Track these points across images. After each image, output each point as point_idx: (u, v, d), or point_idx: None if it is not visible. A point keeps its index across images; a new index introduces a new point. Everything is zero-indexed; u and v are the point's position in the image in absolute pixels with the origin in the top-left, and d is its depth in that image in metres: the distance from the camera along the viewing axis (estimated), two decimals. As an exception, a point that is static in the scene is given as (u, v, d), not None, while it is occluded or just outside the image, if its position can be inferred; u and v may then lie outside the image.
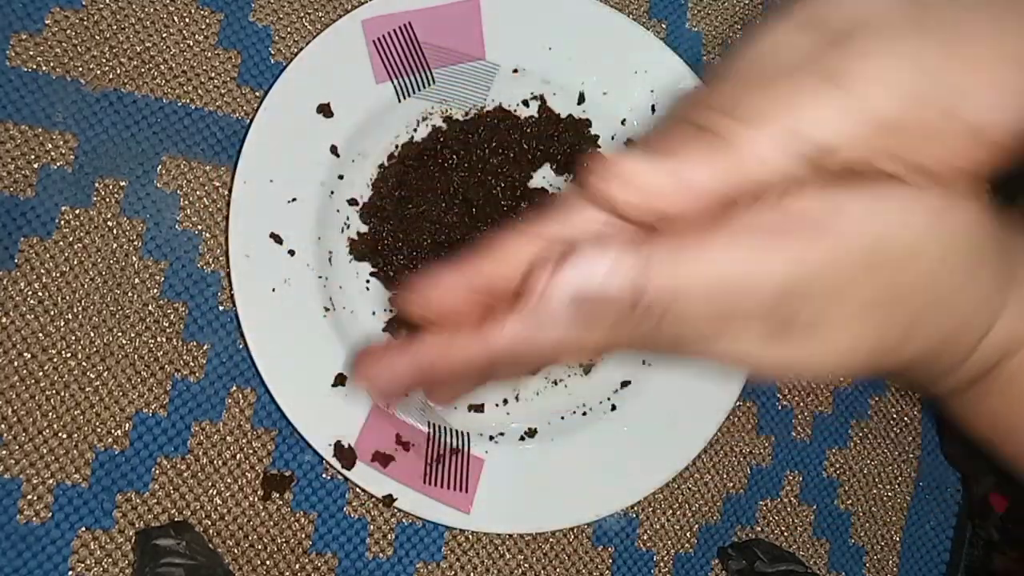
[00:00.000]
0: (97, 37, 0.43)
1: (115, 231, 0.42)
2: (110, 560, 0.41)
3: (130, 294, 0.42)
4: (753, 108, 0.18)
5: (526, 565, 0.46)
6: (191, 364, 0.43)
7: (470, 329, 0.20)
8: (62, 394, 0.41)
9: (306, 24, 0.46)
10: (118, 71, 0.43)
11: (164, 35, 0.44)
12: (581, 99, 0.48)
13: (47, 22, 0.42)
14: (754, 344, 0.20)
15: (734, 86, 0.19)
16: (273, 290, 0.42)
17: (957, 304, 0.21)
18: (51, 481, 0.40)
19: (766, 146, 0.18)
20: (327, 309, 0.43)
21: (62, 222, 0.42)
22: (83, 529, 0.40)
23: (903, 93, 0.18)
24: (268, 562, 0.43)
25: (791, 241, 0.19)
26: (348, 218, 0.45)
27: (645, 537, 0.48)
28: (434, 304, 0.21)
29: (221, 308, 0.44)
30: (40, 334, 0.41)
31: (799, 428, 0.52)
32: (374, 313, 0.45)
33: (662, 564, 0.49)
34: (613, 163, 0.18)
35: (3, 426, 0.40)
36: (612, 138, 0.49)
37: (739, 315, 0.20)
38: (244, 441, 0.43)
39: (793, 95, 0.18)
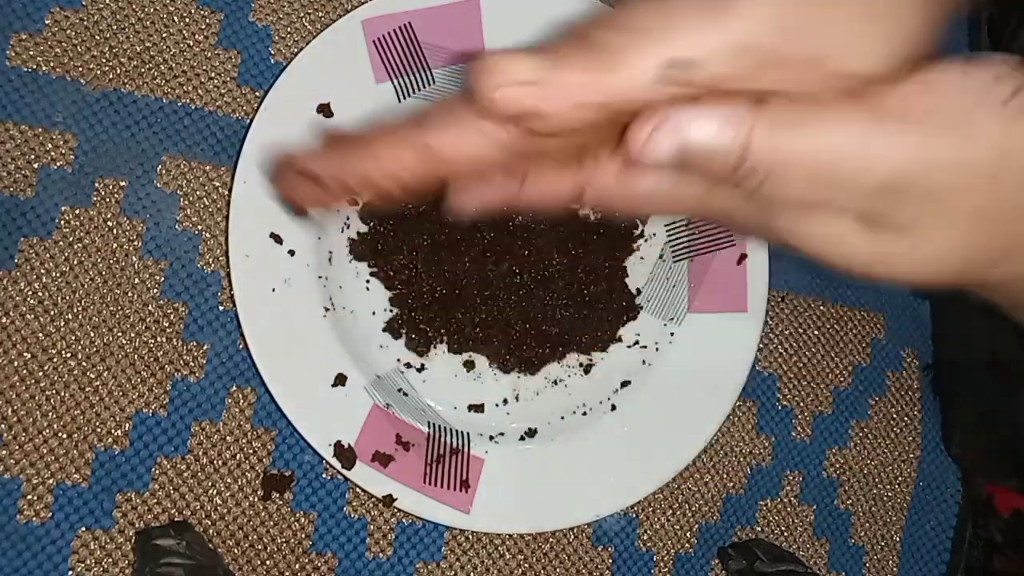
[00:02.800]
0: (97, 37, 0.43)
1: (115, 231, 0.42)
2: (110, 560, 0.41)
3: (130, 294, 0.42)
4: (638, 25, 0.18)
5: (526, 565, 0.46)
6: (191, 364, 0.43)
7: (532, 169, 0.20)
8: (62, 394, 0.41)
9: (306, 24, 0.46)
10: (118, 71, 0.43)
11: (164, 35, 0.44)
12: (581, 99, 0.48)
13: (47, 22, 0.42)
14: (846, 231, 0.20)
15: (629, 4, 0.19)
16: (273, 290, 0.42)
17: None
18: (51, 481, 0.40)
19: (638, 63, 0.18)
20: (327, 309, 0.43)
21: (62, 222, 0.42)
22: (83, 529, 0.41)
23: (775, 29, 0.18)
24: (268, 562, 0.43)
25: (916, 132, 0.18)
26: (348, 218, 0.45)
27: (645, 537, 0.48)
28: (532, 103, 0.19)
29: (221, 308, 0.44)
30: (40, 334, 0.41)
31: (799, 428, 0.52)
32: (374, 313, 0.45)
33: (662, 564, 0.49)
34: (489, 58, 0.18)
35: (3, 426, 0.40)
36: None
37: (840, 197, 0.19)
38: (244, 441, 0.43)
39: (674, 16, 0.18)
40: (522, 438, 0.45)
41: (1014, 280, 0.21)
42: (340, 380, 0.43)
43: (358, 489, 0.44)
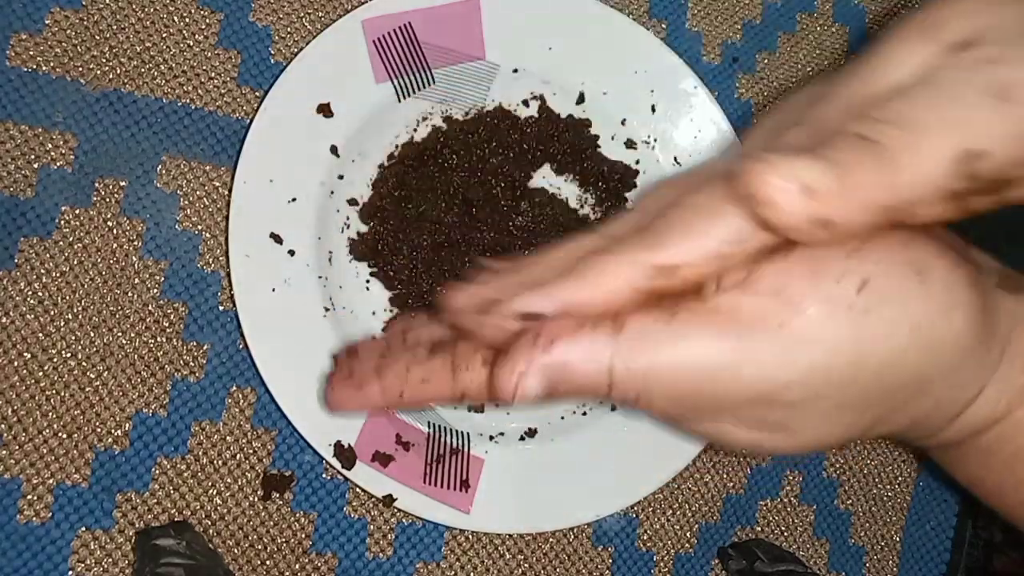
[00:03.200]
0: (97, 37, 0.43)
1: (115, 231, 0.42)
2: (110, 560, 0.41)
3: (130, 294, 0.42)
4: (919, 119, 0.17)
5: (526, 565, 0.46)
6: (191, 364, 0.43)
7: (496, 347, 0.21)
8: (62, 394, 0.41)
9: (306, 24, 0.46)
10: (118, 71, 0.43)
11: (164, 35, 0.44)
12: (581, 99, 0.48)
13: (47, 22, 0.42)
14: (726, 430, 0.21)
15: (890, 102, 0.18)
16: (273, 290, 0.42)
17: (940, 389, 0.21)
18: (51, 481, 0.40)
19: (929, 157, 0.17)
20: (327, 309, 0.43)
21: (62, 222, 0.42)
22: (83, 529, 0.41)
23: None
24: (268, 562, 0.43)
25: (771, 348, 0.19)
26: (348, 218, 0.45)
27: (645, 537, 0.48)
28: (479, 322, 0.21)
29: (221, 308, 0.44)
30: (40, 334, 0.41)
31: (799, 428, 0.52)
32: (374, 313, 0.45)
33: (662, 564, 0.49)
34: (772, 160, 0.17)
35: (3, 426, 0.40)
36: (612, 138, 0.49)
37: (707, 410, 0.20)
38: (244, 441, 0.43)
39: (955, 106, 0.17)
40: (522, 438, 0.45)
41: (892, 433, 0.22)
42: (340, 380, 0.43)
43: (358, 489, 0.44)
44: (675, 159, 0.49)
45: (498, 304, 0.20)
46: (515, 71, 0.47)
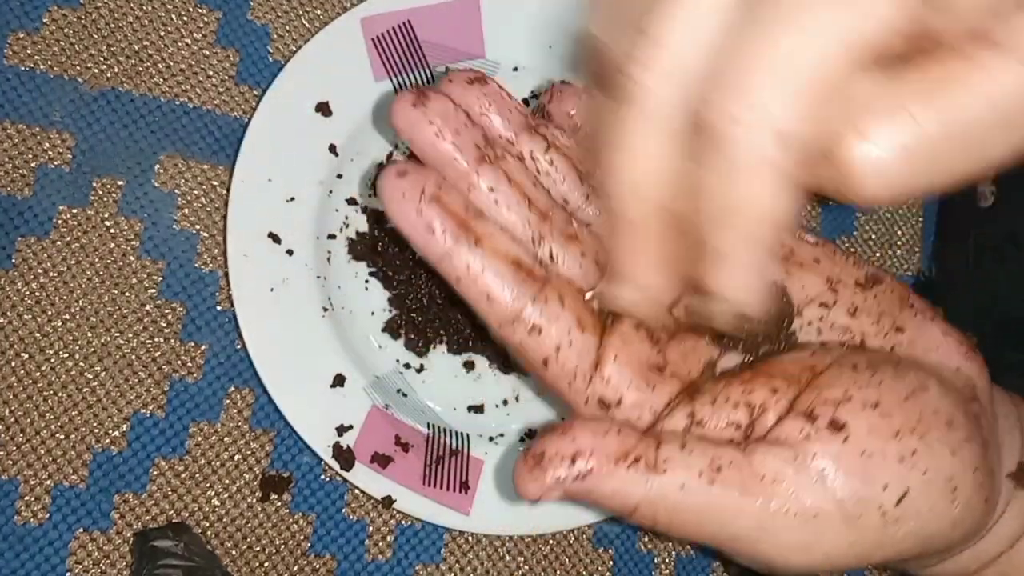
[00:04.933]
0: (95, 36, 0.43)
1: (112, 231, 0.42)
2: (108, 561, 0.41)
3: (128, 294, 0.42)
4: None
5: (526, 567, 0.46)
6: (189, 364, 0.43)
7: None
8: (59, 395, 0.41)
9: (304, 22, 0.46)
10: (116, 70, 0.43)
11: (162, 33, 0.44)
12: (582, 98, 0.48)
13: (44, 21, 0.42)
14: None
15: None
16: (271, 290, 0.42)
17: (937, 537, 0.21)
18: (48, 482, 0.40)
19: None
20: (325, 309, 0.43)
21: (59, 222, 0.41)
22: (81, 530, 0.40)
23: None
24: (267, 564, 0.43)
25: (791, 531, 0.19)
26: (347, 217, 0.45)
27: (646, 539, 0.48)
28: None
29: (219, 308, 0.43)
30: (37, 334, 0.41)
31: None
32: (373, 313, 0.45)
33: (663, 566, 0.48)
34: None
35: (0, 427, 0.40)
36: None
37: (716, 548, 0.20)
38: (242, 442, 0.43)
39: None
40: (522, 439, 0.45)
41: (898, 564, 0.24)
42: (339, 381, 0.42)
43: (357, 490, 0.44)
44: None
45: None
46: (515, 69, 0.47)
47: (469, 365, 0.46)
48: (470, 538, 0.45)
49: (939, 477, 0.19)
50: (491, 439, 0.45)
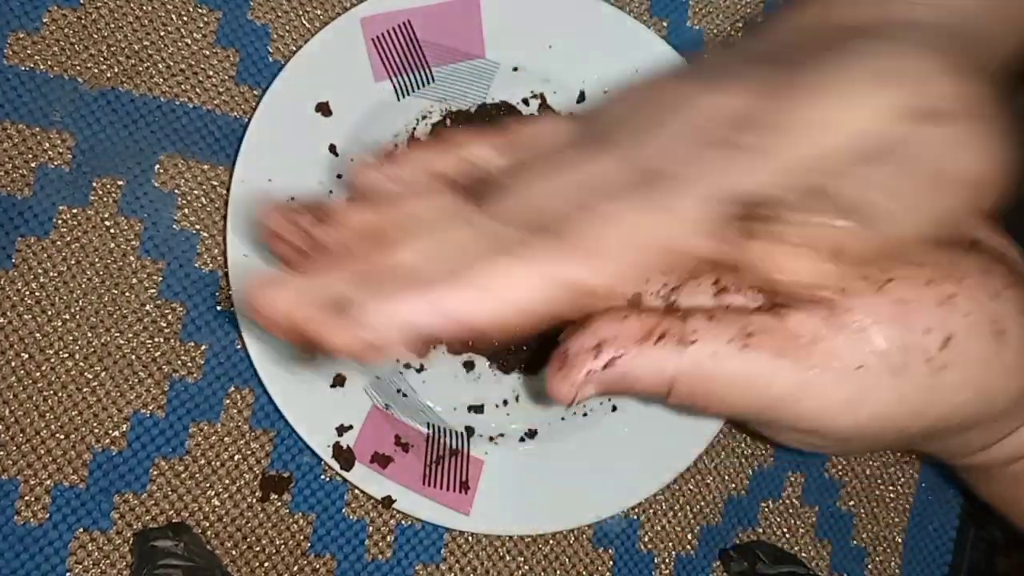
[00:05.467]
0: (95, 35, 0.43)
1: (112, 231, 0.42)
2: (108, 561, 0.40)
3: (128, 294, 0.42)
4: (886, 211, 0.18)
5: (526, 567, 0.46)
6: (189, 364, 0.43)
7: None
8: (59, 395, 0.41)
9: (304, 22, 0.46)
10: (116, 70, 0.43)
11: (162, 33, 0.44)
12: (582, 97, 0.48)
13: (44, 20, 0.42)
14: (771, 433, 0.21)
15: (829, 151, 0.18)
16: (271, 290, 0.42)
17: (981, 430, 0.21)
18: (48, 482, 0.40)
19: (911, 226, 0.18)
20: (326, 309, 0.43)
21: (59, 222, 0.41)
22: (80, 530, 0.40)
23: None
24: (267, 564, 0.43)
25: (833, 389, 0.19)
26: (347, 218, 0.44)
27: (646, 539, 0.48)
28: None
29: (219, 308, 0.43)
30: (37, 334, 0.41)
31: (801, 429, 0.52)
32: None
33: (663, 566, 0.48)
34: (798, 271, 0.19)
35: (0, 427, 0.40)
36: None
37: (757, 421, 0.20)
38: (242, 442, 0.43)
39: (931, 199, 0.18)
40: (522, 439, 0.45)
41: (915, 451, 0.23)
42: (339, 381, 0.42)
43: (357, 490, 0.44)
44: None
45: (352, 303, 0.19)
46: (515, 69, 0.47)
47: (469, 365, 0.46)
48: (470, 538, 0.45)
49: (982, 319, 0.19)
50: (491, 439, 0.45)
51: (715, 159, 0.18)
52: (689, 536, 0.49)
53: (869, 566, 0.52)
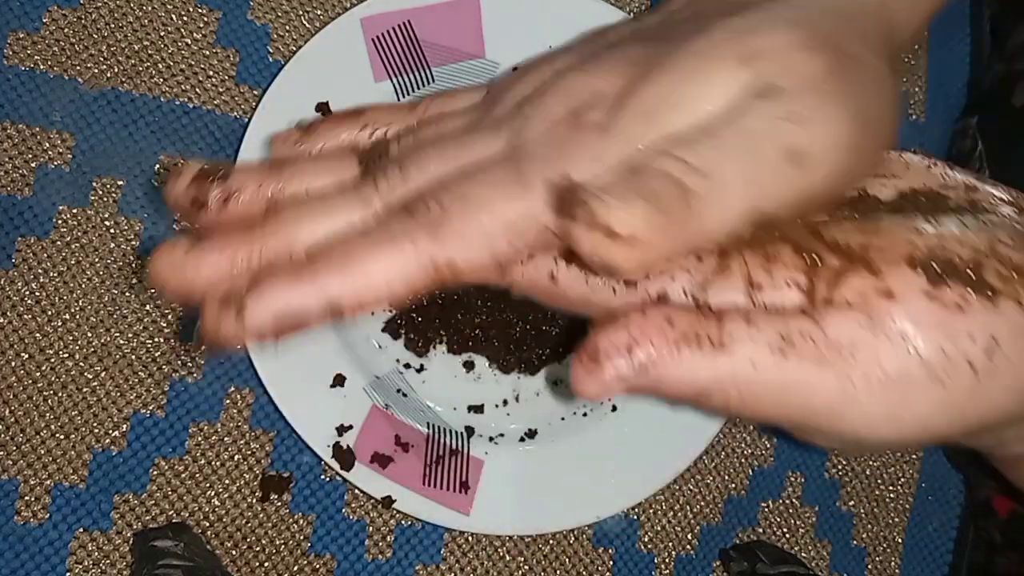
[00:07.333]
0: (95, 36, 0.43)
1: (112, 230, 0.42)
2: (108, 561, 0.41)
3: (128, 294, 0.42)
4: (719, 170, 0.18)
5: (526, 567, 0.46)
6: (189, 365, 0.43)
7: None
8: (59, 395, 0.41)
9: (304, 22, 0.46)
10: (116, 70, 0.43)
11: (162, 33, 0.44)
12: (582, 98, 0.48)
13: (45, 21, 0.42)
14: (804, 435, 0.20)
15: (680, 124, 0.19)
16: (271, 290, 0.42)
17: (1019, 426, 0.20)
18: (48, 482, 0.40)
19: (727, 210, 0.18)
20: (326, 309, 0.43)
21: (59, 221, 0.41)
22: (81, 530, 0.40)
23: None
24: (267, 564, 0.43)
25: (876, 400, 0.18)
26: (347, 218, 0.44)
27: (646, 539, 0.48)
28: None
29: (219, 308, 0.43)
30: (37, 334, 0.41)
31: (801, 429, 0.52)
32: (373, 313, 0.45)
33: (663, 566, 0.48)
34: (595, 213, 0.17)
35: (0, 427, 0.40)
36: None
37: (792, 428, 0.19)
38: (242, 442, 0.43)
39: (754, 164, 0.18)
40: (522, 439, 0.45)
41: (986, 443, 0.21)
42: (339, 381, 0.42)
43: (357, 490, 0.44)
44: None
45: (238, 294, 0.19)
46: (515, 69, 0.47)
47: (469, 365, 0.46)
48: (470, 538, 0.45)
49: None
50: (491, 439, 0.45)
51: (564, 139, 0.19)
52: (689, 536, 0.49)
53: (869, 566, 0.52)
